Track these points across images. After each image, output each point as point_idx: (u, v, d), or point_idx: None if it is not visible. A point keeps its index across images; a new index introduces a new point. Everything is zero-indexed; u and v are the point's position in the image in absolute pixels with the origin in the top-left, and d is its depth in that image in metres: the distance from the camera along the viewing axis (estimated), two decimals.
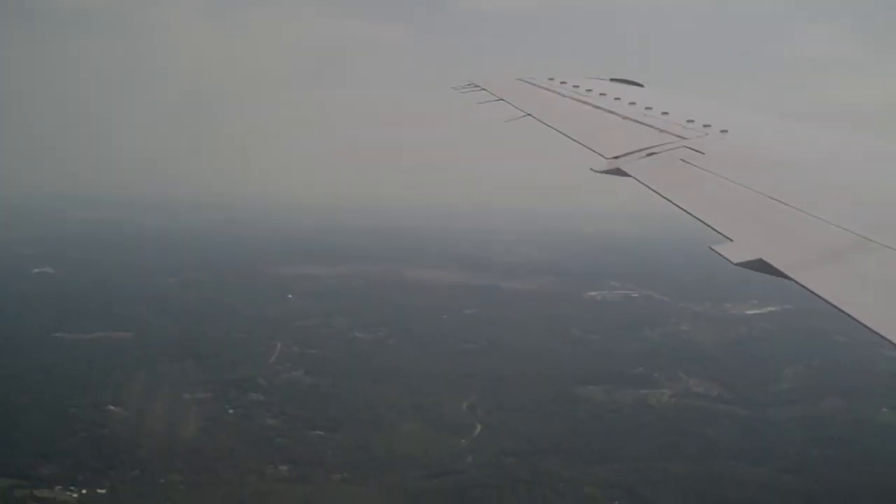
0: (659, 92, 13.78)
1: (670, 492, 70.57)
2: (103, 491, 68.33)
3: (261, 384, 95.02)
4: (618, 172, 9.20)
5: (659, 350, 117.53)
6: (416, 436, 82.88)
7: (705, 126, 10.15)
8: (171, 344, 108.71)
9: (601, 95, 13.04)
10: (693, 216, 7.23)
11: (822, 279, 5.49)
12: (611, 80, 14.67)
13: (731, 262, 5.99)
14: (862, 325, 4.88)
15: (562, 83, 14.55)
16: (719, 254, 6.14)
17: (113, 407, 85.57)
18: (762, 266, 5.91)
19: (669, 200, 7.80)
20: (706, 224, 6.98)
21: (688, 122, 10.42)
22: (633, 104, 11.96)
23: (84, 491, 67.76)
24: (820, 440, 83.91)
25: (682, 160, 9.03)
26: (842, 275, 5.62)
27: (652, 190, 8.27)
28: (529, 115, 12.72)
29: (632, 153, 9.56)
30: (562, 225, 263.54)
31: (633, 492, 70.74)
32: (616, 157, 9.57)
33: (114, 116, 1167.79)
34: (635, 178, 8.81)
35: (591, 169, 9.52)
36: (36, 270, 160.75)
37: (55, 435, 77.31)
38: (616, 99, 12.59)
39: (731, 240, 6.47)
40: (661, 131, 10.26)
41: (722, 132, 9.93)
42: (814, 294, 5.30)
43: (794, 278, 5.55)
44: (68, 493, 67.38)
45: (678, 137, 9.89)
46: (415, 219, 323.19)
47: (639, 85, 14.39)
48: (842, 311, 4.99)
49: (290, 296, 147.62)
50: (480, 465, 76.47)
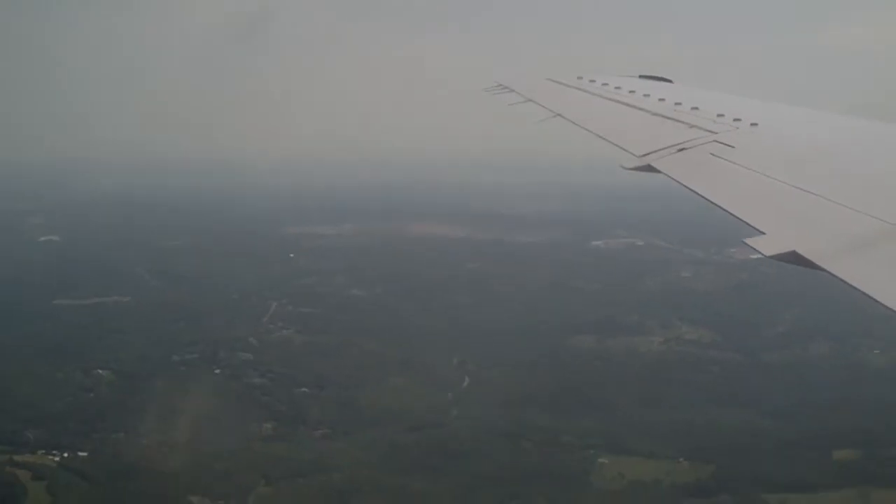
0: (688, 87, 13.82)
1: (647, 439, 70.34)
2: (84, 454, 69.10)
3: (251, 343, 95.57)
4: (649, 169, 9.27)
5: (656, 297, 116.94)
6: (402, 391, 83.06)
7: (735, 120, 10.10)
8: (167, 307, 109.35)
9: (630, 93, 13.07)
10: (725, 210, 7.30)
11: (856, 269, 5.43)
12: (640, 77, 14.75)
13: (765, 256, 6.00)
14: None
15: (591, 82, 14.58)
16: (752, 247, 6.15)
17: (101, 371, 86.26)
18: (795, 258, 5.87)
19: (701, 195, 7.88)
20: (738, 218, 6.99)
21: (718, 117, 10.41)
22: (663, 100, 11.98)
23: (65, 454, 68.58)
24: (807, 384, 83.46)
25: (713, 154, 9.04)
26: (875, 264, 5.58)
27: (683, 185, 8.31)
28: (559, 116, 12.82)
29: (662, 149, 9.60)
30: (574, 176, 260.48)
31: (611, 440, 70.76)
32: (647, 154, 9.60)
33: (124, 80, 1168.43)
34: (666, 175, 8.84)
35: (622, 166, 9.56)
36: (42, 239, 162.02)
37: (42, 400, 78.06)
38: (645, 96, 12.58)
39: (764, 233, 6.44)
40: (691, 126, 10.30)
41: (752, 126, 9.90)
42: (848, 285, 5.20)
43: (828, 269, 5.49)
44: (50, 458, 68.16)
45: (708, 132, 9.88)
46: (426, 173, 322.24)
47: (668, 81, 14.46)
48: (876, 301, 4.91)
49: (292, 255, 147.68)
50: (464, 419, 76.74)
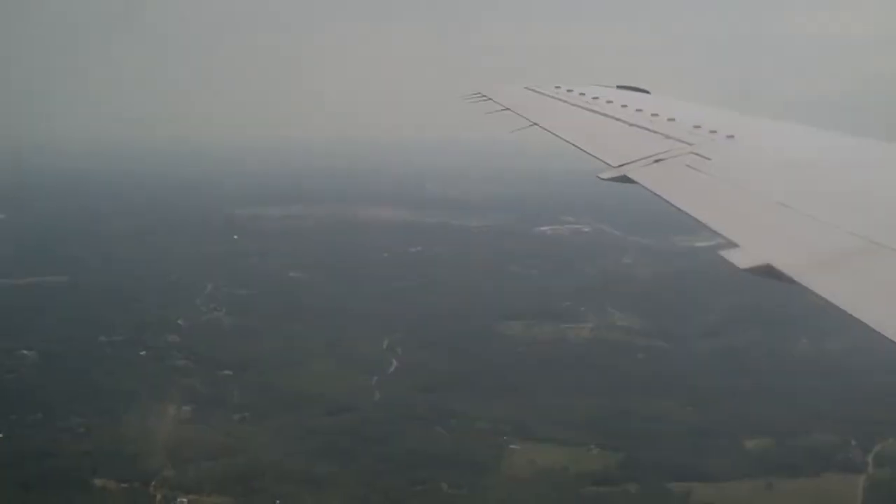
0: (665, 99, 13.85)
1: (561, 427, 70.48)
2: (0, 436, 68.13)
3: (180, 325, 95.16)
4: (625, 179, 9.20)
5: (593, 284, 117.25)
6: (327, 375, 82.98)
7: (711, 132, 10.13)
8: (102, 289, 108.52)
9: (608, 103, 13.10)
10: (700, 222, 7.20)
11: (831, 284, 5.37)
12: (617, 88, 14.82)
13: (739, 268, 5.85)
14: (872, 330, 4.71)
15: (568, 91, 14.68)
16: (727, 260, 6.04)
17: (26, 352, 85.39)
18: (770, 271, 5.77)
19: (677, 207, 7.76)
20: (713, 230, 6.89)
21: (694, 128, 10.42)
22: (640, 111, 11.99)
23: None
24: (731, 372, 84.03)
25: (689, 166, 9.01)
26: (850, 279, 5.53)
27: (659, 197, 8.20)
28: (536, 125, 12.83)
29: (639, 160, 9.56)
30: (534, 161, 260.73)
31: (525, 427, 70.76)
32: (623, 165, 9.53)
33: (87, 63, 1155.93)
34: (642, 185, 8.75)
35: (598, 176, 9.52)
36: None
37: None
38: (623, 106, 12.57)
39: (738, 245, 6.34)
40: (668, 138, 10.28)
41: (728, 137, 9.89)
42: (823, 299, 5.13)
43: (803, 283, 5.42)
44: None
45: (685, 143, 9.87)
46: (387, 157, 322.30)
47: (645, 92, 14.49)
48: (852, 316, 4.84)
49: (236, 237, 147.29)
50: (384, 403, 76.68)
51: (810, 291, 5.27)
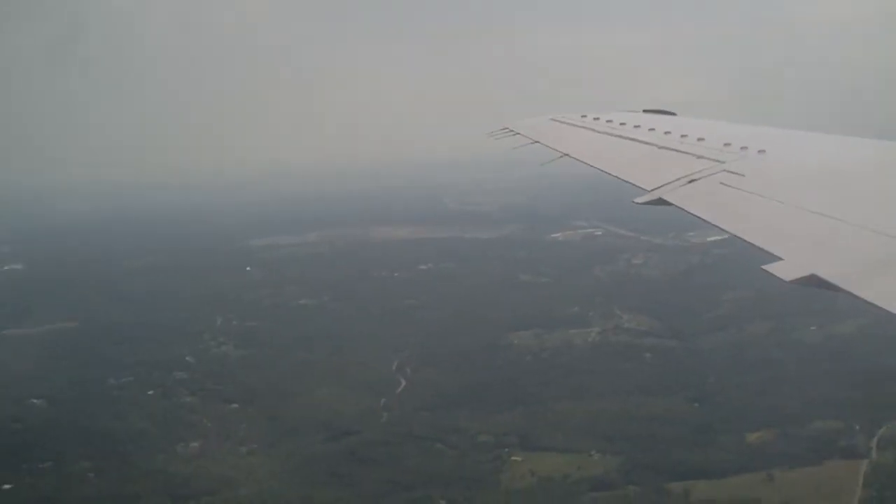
0: (692, 119, 13.83)
1: (563, 434, 70.19)
2: (8, 486, 68.57)
3: (188, 362, 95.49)
4: (660, 202, 9.26)
5: (602, 287, 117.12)
6: (333, 400, 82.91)
7: (742, 148, 10.09)
8: (112, 329, 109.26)
9: (635, 128, 13.11)
10: (740, 238, 7.26)
11: (879, 289, 5.36)
12: (643, 112, 14.82)
13: (785, 281, 5.89)
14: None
15: (595, 119, 14.71)
16: (771, 273, 6.05)
17: (35, 400, 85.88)
18: (816, 281, 5.80)
19: (715, 226, 7.87)
20: (754, 245, 6.91)
21: (724, 146, 10.37)
22: (668, 133, 11.99)
23: None
24: (737, 366, 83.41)
25: (723, 184, 9.02)
26: None
27: (697, 217, 8.32)
28: (567, 155, 12.93)
29: (672, 181, 9.60)
30: (552, 168, 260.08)
31: (526, 437, 70.62)
32: (657, 188, 9.59)
33: (88, 104, 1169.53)
34: (678, 207, 8.84)
35: (634, 201, 9.59)
36: (6, 268, 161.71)
37: None
38: (650, 130, 12.61)
39: (781, 258, 6.37)
40: (699, 157, 10.26)
41: (759, 152, 9.86)
42: (872, 305, 5.13)
43: (851, 290, 5.43)
44: None
45: (716, 162, 9.86)
46: (404, 177, 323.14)
47: (671, 114, 14.49)
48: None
49: (249, 268, 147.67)
50: (389, 424, 76.60)
51: (860, 299, 5.26)
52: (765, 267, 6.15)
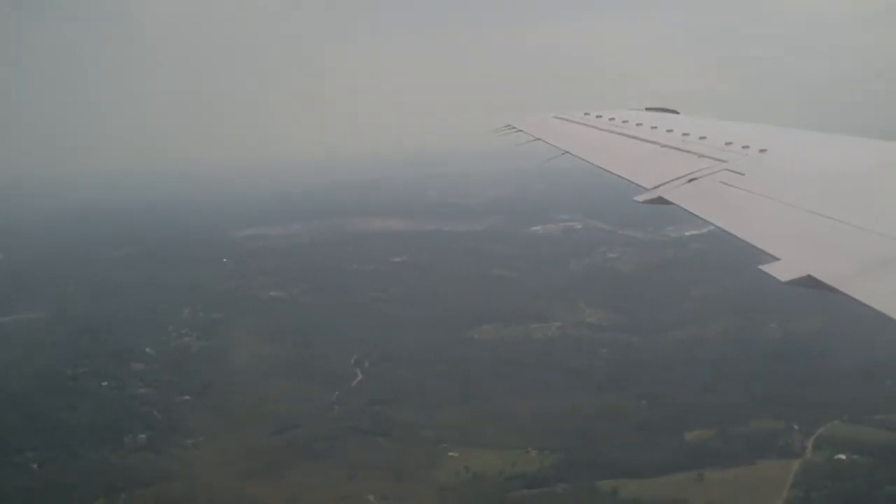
0: (695, 118, 13.76)
1: (504, 430, 69.97)
2: None
3: (147, 353, 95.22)
4: (660, 201, 9.21)
5: (572, 281, 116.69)
6: (287, 393, 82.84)
7: (744, 147, 10.10)
8: (79, 320, 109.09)
9: (638, 126, 13.14)
10: (738, 238, 7.13)
11: (874, 291, 5.31)
12: (646, 110, 14.84)
13: (781, 281, 5.82)
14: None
15: (597, 117, 14.75)
16: (768, 273, 5.99)
17: None
18: (812, 282, 5.76)
19: (714, 224, 7.81)
20: (752, 245, 6.79)
21: (726, 145, 10.39)
22: (671, 132, 11.99)
23: None
24: (693, 362, 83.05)
25: (724, 183, 9.00)
26: (893, 284, 5.46)
27: (696, 216, 8.25)
28: (568, 153, 12.89)
29: (673, 180, 9.56)
30: (534, 162, 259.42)
31: (467, 433, 70.38)
32: (658, 186, 9.56)
33: (74, 96, 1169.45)
34: (679, 206, 8.77)
35: (635, 200, 9.50)
36: None
37: None
38: (653, 128, 12.62)
39: (779, 258, 6.29)
40: (701, 156, 10.26)
41: (761, 152, 9.85)
42: (867, 306, 5.04)
43: (846, 292, 5.38)
44: None
45: (718, 161, 9.86)
46: (385, 170, 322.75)
47: (674, 112, 14.52)
48: None
49: (225, 259, 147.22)
50: (340, 418, 76.47)
51: (855, 301, 5.18)
52: (761, 266, 6.08)
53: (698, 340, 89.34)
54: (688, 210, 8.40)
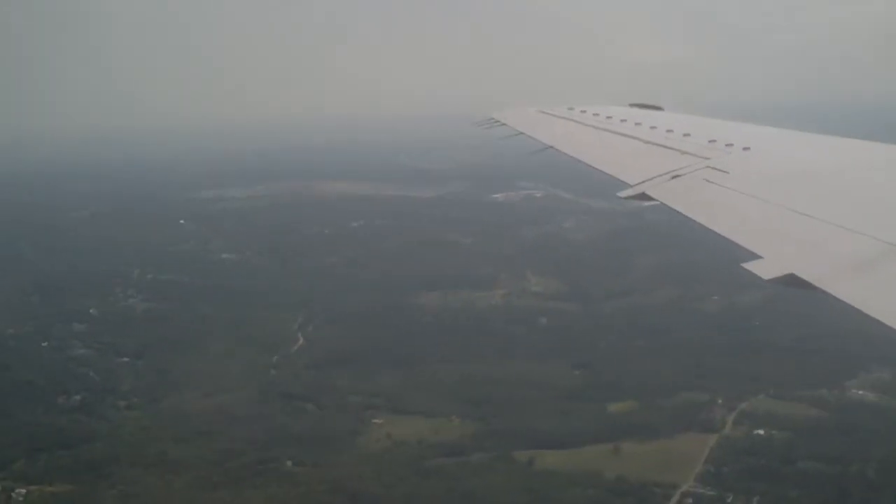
0: (679, 115, 14.08)
1: (432, 397, 70.18)
2: None
3: (91, 314, 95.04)
4: (644, 197, 9.27)
5: (523, 249, 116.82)
6: (227, 356, 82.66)
7: (727, 145, 10.27)
8: (29, 281, 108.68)
9: (622, 122, 13.34)
10: (721, 235, 7.22)
11: (856, 290, 5.36)
12: (630, 106, 15.09)
13: (763, 279, 5.90)
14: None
15: (581, 112, 15.07)
16: (750, 271, 6.06)
17: None
18: (794, 280, 5.81)
19: (696, 221, 7.83)
20: (735, 242, 6.88)
21: (710, 143, 10.57)
22: (654, 128, 12.17)
23: None
24: (633, 332, 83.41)
25: (707, 180, 9.11)
26: (874, 284, 5.52)
27: (678, 213, 8.27)
28: (552, 147, 13.09)
29: (656, 177, 9.65)
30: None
31: (395, 399, 70.50)
32: (641, 182, 9.63)
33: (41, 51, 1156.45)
34: (661, 202, 8.83)
35: (618, 195, 9.61)
36: None
37: None
38: (637, 124, 12.82)
39: (761, 257, 6.37)
40: (684, 153, 10.42)
41: (744, 150, 10.04)
42: (848, 304, 5.10)
43: (827, 290, 5.45)
44: None
45: (701, 158, 9.99)
46: (363, 133, 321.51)
47: (658, 109, 14.80)
48: (878, 321, 4.86)
49: (182, 221, 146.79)
50: (274, 382, 76.47)
51: (837, 299, 5.23)
52: (744, 265, 6.15)
53: (640, 310, 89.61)
54: (670, 207, 8.52)
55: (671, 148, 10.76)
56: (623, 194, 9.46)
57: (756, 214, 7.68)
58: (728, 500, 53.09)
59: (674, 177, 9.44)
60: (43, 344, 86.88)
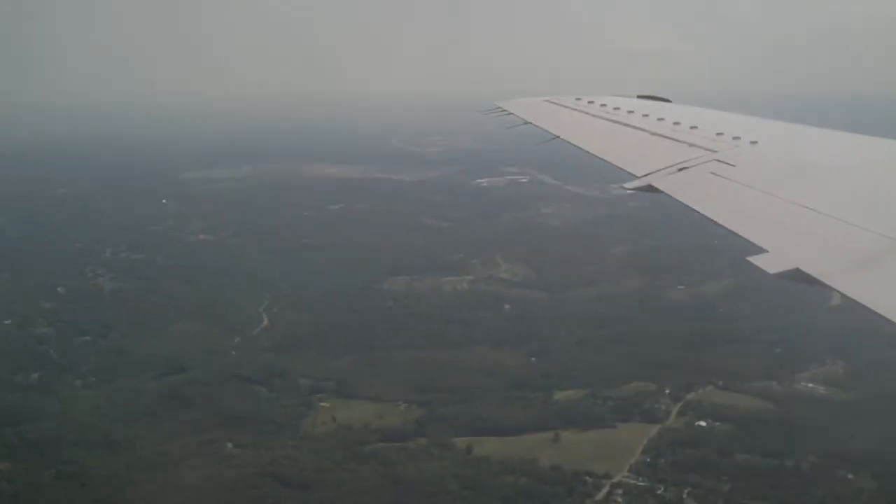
0: (686, 107, 13.97)
1: (381, 382, 70.18)
2: None
3: (58, 293, 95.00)
4: (650, 189, 9.28)
5: (498, 235, 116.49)
6: (189, 336, 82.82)
7: (735, 138, 10.29)
8: (3, 258, 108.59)
9: (629, 113, 13.30)
10: (727, 229, 7.28)
11: (861, 286, 5.37)
12: (638, 98, 15.01)
13: (769, 273, 5.91)
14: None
15: (589, 102, 14.97)
16: (756, 265, 6.08)
17: None
18: (799, 275, 5.83)
19: (702, 214, 7.87)
20: (741, 236, 6.93)
21: (717, 136, 10.58)
22: (662, 120, 12.12)
23: None
24: (594, 321, 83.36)
25: (713, 173, 9.12)
26: (880, 280, 5.51)
27: (685, 205, 8.30)
28: (558, 138, 13.08)
29: (663, 169, 9.65)
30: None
31: (345, 384, 70.61)
32: (648, 174, 9.64)
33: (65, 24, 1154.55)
34: (667, 194, 8.82)
35: (623, 187, 9.71)
36: None
37: None
38: (644, 116, 12.75)
39: (767, 251, 6.41)
40: (691, 146, 10.43)
41: (752, 143, 10.03)
42: (853, 300, 5.11)
43: (834, 286, 5.47)
44: None
45: (708, 151, 10.00)
46: (359, 112, 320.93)
47: (666, 101, 14.73)
48: (883, 317, 4.84)
49: (165, 201, 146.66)
50: (230, 364, 76.36)
51: (843, 295, 5.23)
52: (750, 258, 6.16)
53: (604, 299, 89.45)
54: (676, 199, 8.46)
55: (678, 140, 10.80)
56: (629, 186, 9.53)
57: (762, 208, 7.71)
58: (658, 492, 52.88)
59: (680, 169, 9.47)
60: (6, 321, 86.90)
